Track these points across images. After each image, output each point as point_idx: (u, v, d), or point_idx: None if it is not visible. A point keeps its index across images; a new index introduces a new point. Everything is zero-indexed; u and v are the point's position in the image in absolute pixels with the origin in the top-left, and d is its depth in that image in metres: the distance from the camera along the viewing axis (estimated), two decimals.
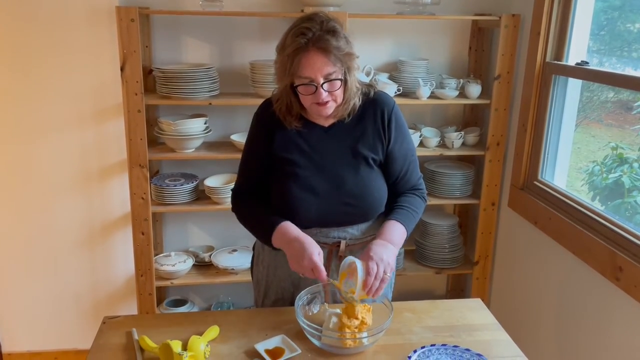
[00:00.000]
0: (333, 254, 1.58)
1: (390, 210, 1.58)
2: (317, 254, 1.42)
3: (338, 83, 1.44)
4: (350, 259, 1.41)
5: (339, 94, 1.47)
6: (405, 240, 1.54)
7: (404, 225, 1.53)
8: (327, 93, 1.43)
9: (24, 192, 2.61)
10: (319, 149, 1.55)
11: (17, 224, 2.65)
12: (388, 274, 1.38)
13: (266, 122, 1.57)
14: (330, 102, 1.46)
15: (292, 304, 1.46)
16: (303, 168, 1.53)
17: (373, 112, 1.57)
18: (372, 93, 1.58)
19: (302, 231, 1.49)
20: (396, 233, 1.50)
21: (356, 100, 1.53)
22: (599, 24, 2.22)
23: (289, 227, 1.49)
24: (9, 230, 2.65)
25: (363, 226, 1.60)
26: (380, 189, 1.58)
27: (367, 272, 1.37)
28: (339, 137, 1.56)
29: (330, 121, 1.57)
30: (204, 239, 2.87)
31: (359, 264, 1.39)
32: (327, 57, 1.40)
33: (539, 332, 2.38)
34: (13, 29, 2.42)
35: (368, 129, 1.56)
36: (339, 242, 1.58)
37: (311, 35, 1.39)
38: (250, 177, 1.63)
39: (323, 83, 1.42)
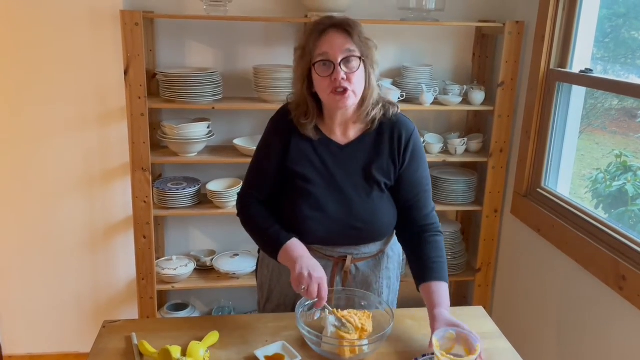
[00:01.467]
0: (338, 268, 1.57)
1: (428, 268, 1.49)
2: (324, 281, 1.39)
3: (356, 63, 1.41)
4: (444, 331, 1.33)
5: (358, 81, 1.42)
6: None
7: (446, 282, 1.48)
8: (344, 75, 1.40)
9: (26, 194, 2.62)
10: (333, 167, 1.51)
11: (19, 226, 2.65)
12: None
13: (282, 130, 1.53)
14: (348, 92, 1.41)
15: (293, 309, 1.45)
16: (315, 185, 1.50)
17: (390, 134, 1.52)
18: (391, 112, 1.53)
19: (308, 247, 1.48)
20: (447, 295, 1.46)
21: (377, 111, 1.50)
22: (604, 32, 2.22)
23: (295, 246, 1.46)
24: (11, 232, 2.65)
25: (371, 244, 1.58)
26: (389, 214, 1.55)
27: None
28: (354, 156, 1.52)
29: (350, 137, 1.53)
30: (206, 243, 2.86)
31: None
32: (348, 38, 1.41)
33: (541, 341, 2.36)
34: (17, 32, 2.43)
35: (384, 151, 1.52)
36: (345, 257, 1.56)
37: (334, 21, 1.43)
38: (259, 184, 1.59)
39: (341, 62, 1.40)
